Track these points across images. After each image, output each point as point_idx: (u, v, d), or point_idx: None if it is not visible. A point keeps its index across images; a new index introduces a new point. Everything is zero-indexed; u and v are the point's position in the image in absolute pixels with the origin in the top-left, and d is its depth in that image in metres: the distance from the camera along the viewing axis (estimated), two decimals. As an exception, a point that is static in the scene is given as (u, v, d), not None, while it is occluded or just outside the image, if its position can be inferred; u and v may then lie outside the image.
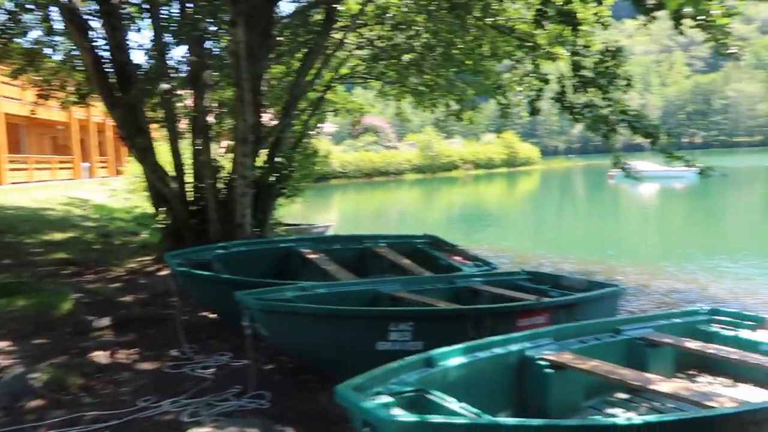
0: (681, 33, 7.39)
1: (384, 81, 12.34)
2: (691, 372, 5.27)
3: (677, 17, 6.81)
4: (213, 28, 8.71)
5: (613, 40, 8.76)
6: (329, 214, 27.79)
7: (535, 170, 63.07)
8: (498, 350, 4.03)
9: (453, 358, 3.81)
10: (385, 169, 57.08)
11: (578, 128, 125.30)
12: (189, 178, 9.27)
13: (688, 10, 6.65)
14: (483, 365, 3.92)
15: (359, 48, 11.48)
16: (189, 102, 9.57)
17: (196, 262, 6.61)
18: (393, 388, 3.16)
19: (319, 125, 12.99)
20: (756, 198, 32.13)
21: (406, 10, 9.77)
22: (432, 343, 4.44)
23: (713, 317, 5.81)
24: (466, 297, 6.91)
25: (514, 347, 4.13)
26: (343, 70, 11.94)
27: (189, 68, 8.92)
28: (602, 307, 6.81)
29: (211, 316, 6.80)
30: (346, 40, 10.41)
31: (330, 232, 15.33)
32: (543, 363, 3.99)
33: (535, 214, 27.80)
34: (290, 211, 16.30)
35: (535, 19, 7.30)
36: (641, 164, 45.05)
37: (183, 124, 9.79)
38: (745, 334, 5.48)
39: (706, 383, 5.06)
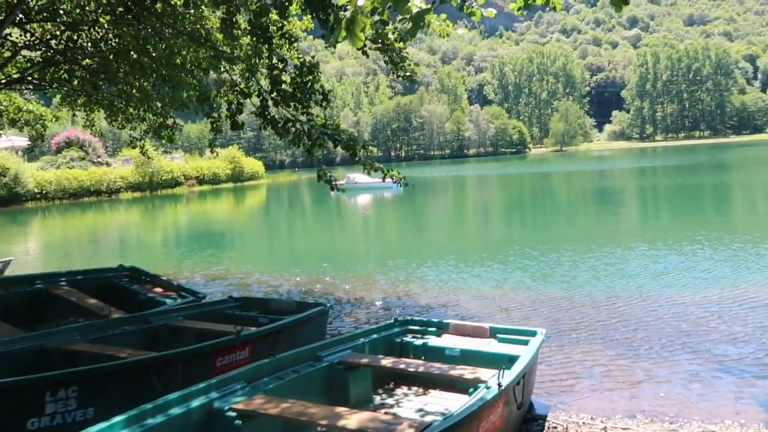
0: (365, 54, 7.82)
1: (66, 89, 10.60)
2: (389, 386, 5.43)
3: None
4: None
5: (309, 57, 8.87)
6: (16, 244, 23.35)
7: (261, 184, 63.31)
8: (176, 409, 3.44)
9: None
10: (95, 188, 50.94)
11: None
12: None
13: (368, 32, 7.07)
14: (162, 432, 3.29)
15: (28, 47, 9.64)
16: None
17: None
18: None
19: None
20: (450, 203, 37.24)
21: (86, 6, 8.48)
22: (105, 407, 3.62)
23: (407, 327, 6.14)
24: (166, 337, 6.13)
25: (197, 401, 3.59)
26: (11, 72, 9.92)
27: None
28: (310, 329, 6.71)
29: None
30: (8, 36, 8.61)
31: (8, 271, 12.67)
32: (232, 414, 3.53)
33: (259, 230, 27.57)
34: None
35: (221, 29, 6.90)
36: (356, 176, 48.82)
37: None
38: (432, 341, 5.88)
39: (401, 395, 5.24)
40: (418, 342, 5.82)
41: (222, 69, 9.06)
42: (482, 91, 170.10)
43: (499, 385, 4.05)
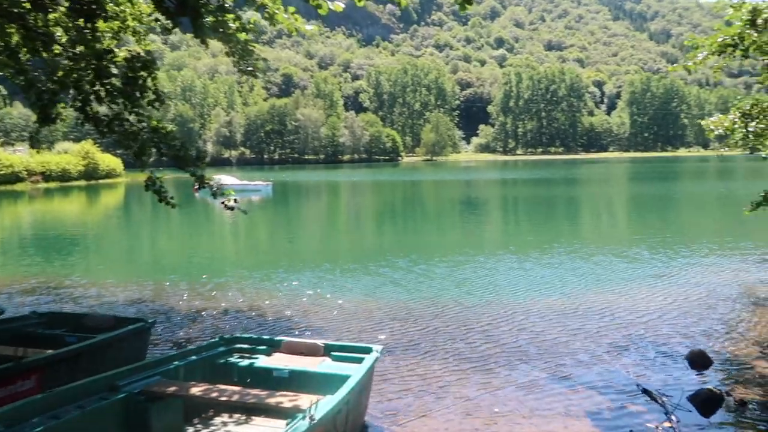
0: (205, 45, 7.17)
1: None
2: (205, 416, 4.82)
3: (199, 26, 6.49)
4: None
5: (142, 50, 7.97)
6: None
7: (118, 183, 58.72)
8: None
9: None
10: None
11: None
12: None
13: (208, 20, 6.46)
14: None
15: None
16: None
17: None
18: None
19: None
20: (321, 208, 36.78)
21: None
22: None
23: (233, 347, 5.58)
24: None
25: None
26: None
27: None
28: (126, 349, 5.90)
29: None
30: None
31: None
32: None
33: (107, 235, 25.25)
34: None
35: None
36: (223, 177, 46.93)
37: None
38: (260, 361, 5.37)
39: (218, 426, 4.67)
40: (245, 363, 5.29)
41: (41, 50, 7.88)
42: (358, 99, 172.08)
43: (311, 418, 3.66)
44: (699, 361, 7.51)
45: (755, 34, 10.34)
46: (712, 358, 7.56)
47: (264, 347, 5.56)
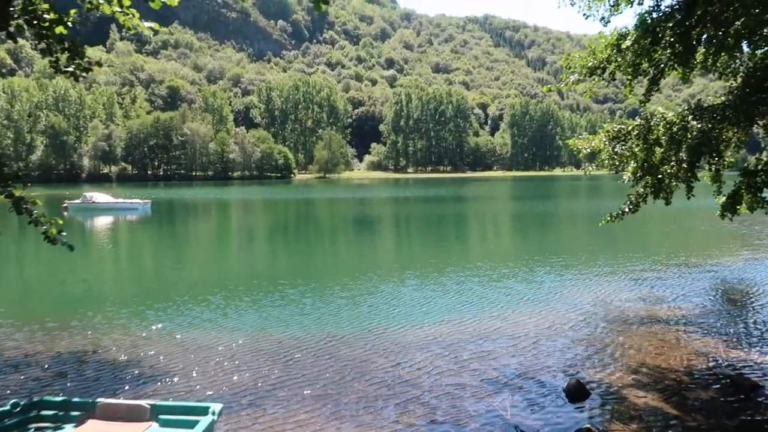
0: (13, 40, 6.28)
1: None
2: None
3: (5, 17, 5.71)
4: None
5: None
6: None
7: (-27, 202, 52.58)
8: None
9: None
10: None
11: (38, 154, 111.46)
12: None
13: (17, 7, 5.72)
14: None
15: None
16: None
17: None
18: None
19: None
20: (205, 229, 34.93)
21: None
22: None
23: (36, 414, 4.68)
24: None
25: None
26: None
27: None
28: None
29: None
30: None
31: None
32: None
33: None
34: None
35: None
36: (95, 195, 43.44)
37: None
38: (68, 430, 4.54)
39: None
40: None
41: None
42: (249, 114, 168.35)
43: None
44: (576, 393, 7.60)
45: (620, 59, 11.10)
46: (589, 390, 7.68)
47: (75, 413, 4.71)
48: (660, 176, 12.28)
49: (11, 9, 5.94)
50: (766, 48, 11.23)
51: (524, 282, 15.36)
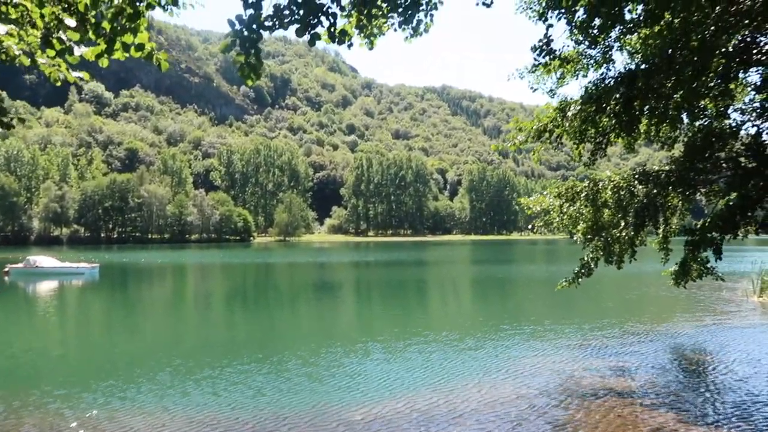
0: None
1: None
2: None
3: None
4: None
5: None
6: None
7: None
8: None
9: None
10: None
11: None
12: None
13: None
14: None
15: None
16: None
17: None
18: None
19: None
20: (157, 294, 33.73)
21: None
22: None
23: None
24: None
25: None
26: None
27: None
28: None
29: None
30: None
31: None
32: None
33: None
34: None
35: None
36: (39, 258, 41.70)
37: None
38: None
39: None
40: None
41: None
42: (209, 177, 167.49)
43: None
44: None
45: (566, 124, 11.55)
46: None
47: None
48: (608, 239, 12.58)
49: None
50: (704, 119, 11.86)
51: (471, 351, 15.18)
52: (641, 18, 10.24)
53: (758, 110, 11.43)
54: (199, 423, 9.42)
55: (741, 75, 11.02)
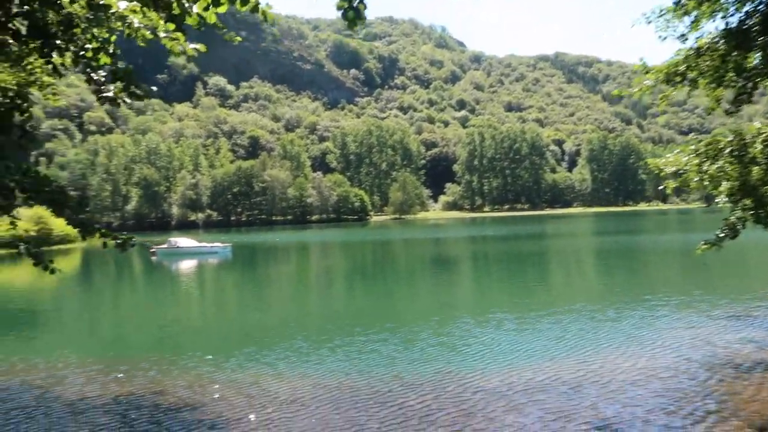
0: (58, 74, 6.61)
1: None
2: None
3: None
4: None
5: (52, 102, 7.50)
6: None
7: (73, 249, 56.35)
8: None
9: None
10: None
11: (133, 204, 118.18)
12: None
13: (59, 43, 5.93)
14: None
15: None
16: None
17: None
18: None
19: None
20: (285, 271, 35.45)
21: None
22: None
23: None
24: None
25: None
26: None
27: None
28: None
29: None
30: None
31: None
32: None
33: (50, 304, 23.53)
34: None
35: None
36: (179, 240, 45.43)
37: None
38: None
39: None
40: None
41: None
42: (325, 159, 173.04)
43: None
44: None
45: (703, 65, 10.15)
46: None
47: None
48: (760, 198, 11.08)
49: (57, 42, 6.17)
50: None
51: (613, 322, 14.07)
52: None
53: None
54: (335, 389, 9.54)
55: None
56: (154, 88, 8.09)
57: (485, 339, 12.73)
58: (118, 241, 7.11)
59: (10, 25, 6.33)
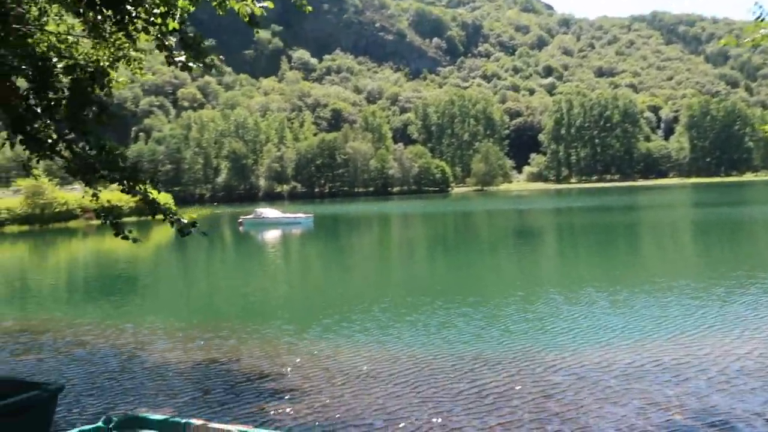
0: (132, 40, 6.49)
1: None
2: None
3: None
4: None
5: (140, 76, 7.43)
6: None
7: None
8: None
9: None
10: (-27, 219, 46.26)
11: (222, 177, 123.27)
12: None
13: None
14: None
15: None
16: None
17: None
18: None
19: None
20: (366, 242, 35.57)
21: None
22: None
23: (133, 429, 4.23)
24: None
25: None
26: None
27: None
28: (22, 421, 4.73)
29: None
30: None
31: None
32: None
33: (144, 272, 24.76)
34: None
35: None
36: (264, 210, 46.88)
37: None
38: None
39: None
40: None
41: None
42: (406, 131, 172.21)
43: None
44: None
45: None
46: None
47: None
48: None
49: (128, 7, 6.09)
50: None
51: (722, 302, 12.66)
52: None
53: None
54: (413, 364, 9.12)
55: None
56: (222, 58, 8.03)
57: (575, 316, 11.87)
58: (183, 223, 7.17)
59: None
